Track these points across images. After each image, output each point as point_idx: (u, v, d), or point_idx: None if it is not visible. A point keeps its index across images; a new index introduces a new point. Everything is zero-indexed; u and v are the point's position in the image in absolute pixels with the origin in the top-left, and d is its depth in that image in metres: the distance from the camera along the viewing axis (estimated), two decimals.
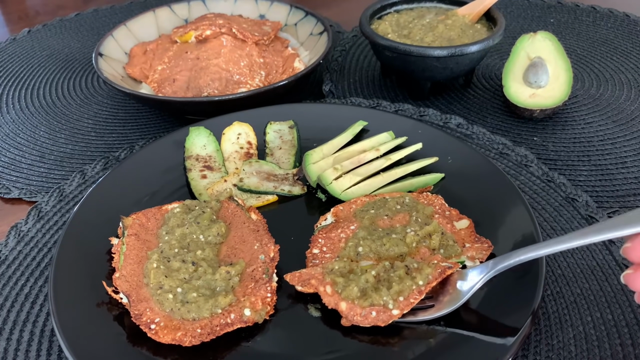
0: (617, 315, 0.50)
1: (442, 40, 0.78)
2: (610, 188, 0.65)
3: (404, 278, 0.46)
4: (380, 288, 0.46)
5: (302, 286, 0.48)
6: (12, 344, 0.50)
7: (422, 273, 0.46)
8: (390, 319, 0.45)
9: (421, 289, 0.46)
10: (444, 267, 0.47)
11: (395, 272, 0.47)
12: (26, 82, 0.92)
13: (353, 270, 0.48)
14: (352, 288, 0.46)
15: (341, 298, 0.46)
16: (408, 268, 0.47)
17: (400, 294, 0.45)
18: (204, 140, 0.68)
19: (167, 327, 0.46)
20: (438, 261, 0.48)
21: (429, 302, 0.47)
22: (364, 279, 0.46)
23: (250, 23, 0.90)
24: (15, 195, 0.68)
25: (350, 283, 0.46)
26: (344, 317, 0.46)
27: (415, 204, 0.55)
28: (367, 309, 0.45)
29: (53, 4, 1.23)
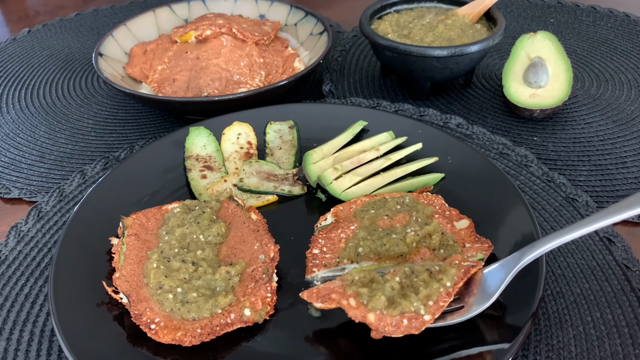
0: (617, 315, 0.50)
1: (442, 40, 0.78)
2: (610, 188, 0.65)
3: (429, 281, 0.44)
4: (408, 294, 0.43)
5: (322, 302, 0.44)
6: (12, 344, 0.50)
7: (448, 274, 0.45)
8: (423, 326, 0.42)
9: (449, 290, 0.44)
10: (468, 267, 0.46)
11: (418, 276, 0.45)
12: (26, 82, 0.92)
13: (374, 279, 0.45)
14: (379, 297, 0.43)
15: (368, 310, 0.43)
16: (430, 272, 0.45)
17: (429, 298, 0.43)
18: (204, 140, 0.68)
19: (167, 327, 0.46)
20: (460, 261, 0.46)
21: (456, 305, 0.46)
22: (389, 286, 0.44)
23: (250, 23, 0.90)
24: (15, 195, 0.68)
25: (375, 292, 0.43)
26: (374, 330, 0.43)
27: (415, 204, 0.55)
28: (398, 318, 0.42)
29: (53, 4, 1.23)
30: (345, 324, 0.48)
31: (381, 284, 0.44)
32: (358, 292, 0.44)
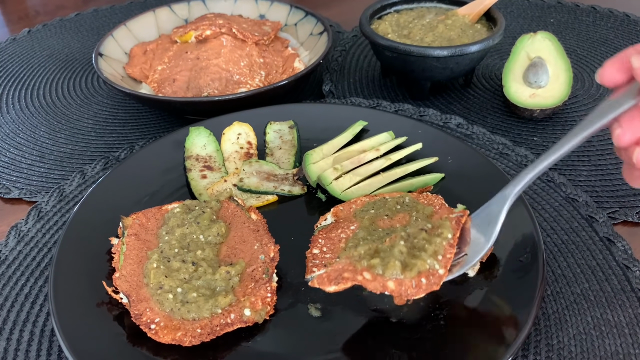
0: (618, 315, 0.50)
1: (442, 40, 0.78)
2: (610, 188, 0.65)
3: (430, 238, 0.45)
4: (417, 254, 0.44)
5: (335, 284, 0.44)
6: (12, 344, 0.50)
7: (445, 227, 0.45)
8: (440, 280, 0.43)
9: (451, 242, 0.45)
10: (457, 217, 0.47)
11: (417, 237, 0.45)
12: (26, 82, 0.92)
13: (379, 249, 0.45)
14: (394, 263, 0.43)
15: (386, 278, 0.43)
16: (425, 230, 0.46)
17: (437, 253, 0.44)
18: (204, 140, 0.68)
19: (167, 327, 0.46)
20: (447, 214, 0.47)
21: (458, 256, 0.46)
22: (398, 251, 0.44)
23: (250, 23, 0.90)
24: (15, 195, 0.68)
25: (388, 260, 0.43)
26: (396, 296, 0.43)
27: (415, 204, 0.55)
28: (416, 278, 0.42)
29: (53, 4, 1.23)
30: (345, 324, 0.48)
31: (388, 251, 0.44)
32: (371, 265, 0.44)
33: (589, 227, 0.59)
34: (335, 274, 0.45)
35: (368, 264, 0.44)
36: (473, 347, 0.45)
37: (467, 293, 0.49)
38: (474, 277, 0.51)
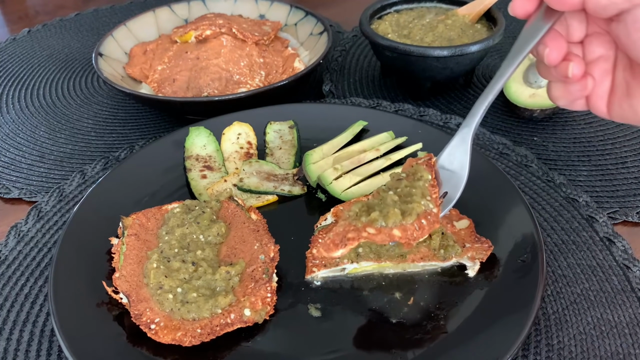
0: (618, 315, 0.50)
1: (442, 40, 0.78)
2: (610, 188, 0.65)
3: (413, 184, 0.46)
4: (409, 200, 0.45)
5: (342, 247, 0.43)
6: (12, 344, 0.50)
7: (421, 171, 0.47)
8: (437, 217, 0.45)
9: (431, 182, 0.47)
10: (425, 160, 0.48)
11: (398, 187, 0.46)
12: (26, 82, 0.92)
13: (370, 204, 0.46)
14: (394, 211, 0.44)
15: (390, 228, 0.44)
16: (401, 179, 0.48)
17: (425, 195, 0.45)
18: (204, 140, 0.68)
19: (167, 327, 0.46)
20: (415, 162, 0.49)
21: (440, 195, 0.48)
22: (391, 200, 0.45)
23: (250, 23, 0.90)
24: (15, 195, 0.68)
25: (387, 210, 0.44)
26: (404, 242, 0.44)
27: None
28: (417, 221, 0.44)
29: (53, 4, 1.23)
30: (345, 324, 0.48)
31: (381, 204, 0.45)
32: (372, 219, 0.44)
33: (589, 227, 0.59)
34: (339, 237, 0.44)
35: (368, 219, 0.44)
36: (473, 347, 0.45)
37: (467, 293, 0.49)
38: (474, 277, 0.51)
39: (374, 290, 0.51)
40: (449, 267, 0.52)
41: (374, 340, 0.46)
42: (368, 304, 0.49)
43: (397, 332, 0.47)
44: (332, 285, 0.51)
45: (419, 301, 0.49)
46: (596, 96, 0.41)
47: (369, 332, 0.47)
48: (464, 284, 0.50)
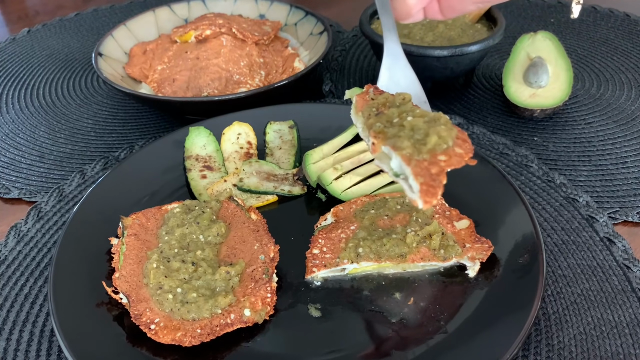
0: (618, 315, 0.50)
1: (442, 40, 0.78)
2: (610, 188, 0.65)
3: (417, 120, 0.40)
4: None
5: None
6: (12, 344, 0.50)
7: (416, 113, 0.42)
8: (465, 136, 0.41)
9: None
10: (367, 91, 0.46)
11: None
12: (26, 82, 0.92)
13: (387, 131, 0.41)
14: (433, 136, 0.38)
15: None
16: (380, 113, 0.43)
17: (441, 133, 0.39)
18: (203, 140, 0.68)
19: (167, 328, 0.46)
20: (362, 96, 0.46)
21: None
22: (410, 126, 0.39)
23: (250, 23, 0.90)
24: (15, 195, 0.68)
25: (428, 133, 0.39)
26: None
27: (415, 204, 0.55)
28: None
29: (53, 4, 1.23)
30: (345, 324, 0.48)
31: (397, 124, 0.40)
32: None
33: (589, 227, 0.59)
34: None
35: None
36: (473, 347, 0.45)
37: (467, 293, 0.49)
38: (474, 278, 0.51)
39: (374, 290, 0.51)
40: (449, 268, 0.52)
41: (374, 340, 0.46)
42: (368, 304, 0.49)
43: (397, 333, 0.47)
44: (332, 285, 0.51)
45: (419, 301, 0.49)
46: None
47: (369, 332, 0.47)
48: (464, 284, 0.50)
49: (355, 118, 0.46)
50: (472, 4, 0.48)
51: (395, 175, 0.40)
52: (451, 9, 0.48)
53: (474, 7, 0.48)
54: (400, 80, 0.46)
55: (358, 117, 0.45)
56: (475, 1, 0.47)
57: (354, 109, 0.46)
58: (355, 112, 0.46)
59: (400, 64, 0.46)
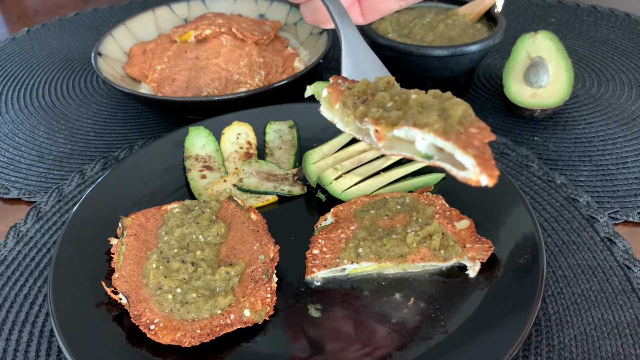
0: (619, 315, 0.50)
1: (443, 40, 0.78)
2: (611, 188, 0.65)
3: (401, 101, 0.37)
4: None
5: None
6: (11, 344, 0.50)
7: (414, 91, 0.38)
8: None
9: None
10: (335, 83, 0.42)
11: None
12: (25, 82, 0.92)
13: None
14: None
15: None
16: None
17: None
18: (203, 140, 0.67)
19: (167, 328, 0.45)
20: (334, 88, 0.42)
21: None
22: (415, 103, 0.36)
23: (250, 22, 0.90)
24: (14, 196, 0.68)
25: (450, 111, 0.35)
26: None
27: (415, 204, 0.55)
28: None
29: (52, 4, 1.23)
30: (345, 324, 0.48)
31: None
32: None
33: (589, 227, 0.59)
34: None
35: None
36: (473, 348, 0.44)
37: (467, 294, 0.49)
38: (475, 278, 0.51)
39: (374, 290, 0.50)
40: (449, 268, 0.52)
41: (374, 341, 0.46)
42: (368, 304, 0.49)
43: (397, 333, 0.47)
44: (332, 285, 0.51)
45: (419, 302, 0.49)
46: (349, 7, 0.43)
47: (369, 332, 0.47)
48: (465, 284, 0.50)
49: (331, 112, 0.42)
50: (394, 3, 0.46)
51: (427, 158, 0.35)
52: (373, 10, 0.47)
53: (396, 6, 0.46)
54: (365, 67, 0.43)
55: (335, 110, 0.41)
56: (399, 0, 0.45)
57: (328, 103, 0.42)
58: (330, 106, 0.41)
59: (361, 50, 0.43)
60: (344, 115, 0.40)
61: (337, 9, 0.44)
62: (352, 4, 0.47)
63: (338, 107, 0.40)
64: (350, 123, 0.40)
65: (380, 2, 0.46)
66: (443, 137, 0.33)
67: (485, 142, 0.33)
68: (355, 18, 0.48)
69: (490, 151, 0.33)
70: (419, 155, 0.36)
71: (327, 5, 0.44)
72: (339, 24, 0.43)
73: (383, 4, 0.46)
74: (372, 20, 0.48)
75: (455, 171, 0.34)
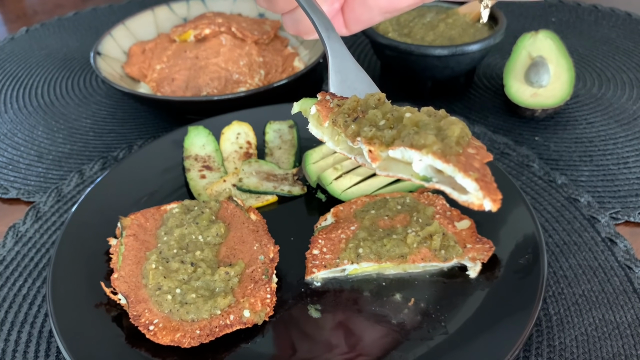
0: (620, 316, 0.50)
1: (443, 40, 0.77)
2: (612, 188, 0.65)
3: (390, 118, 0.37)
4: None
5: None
6: (10, 345, 0.50)
7: (407, 109, 0.38)
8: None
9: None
10: (323, 100, 0.40)
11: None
12: (24, 82, 0.91)
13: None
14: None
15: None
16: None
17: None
18: (203, 140, 0.67)
19: (166, 329, 0.45)
20: (322, 104, 0.40)
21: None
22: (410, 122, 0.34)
23: (249, 22, 0.90)
24: (13, 196, 0.68)
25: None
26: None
27: (416, 205, 0.55)
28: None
29: (51, 3, 1.23)
30: (345, 324, 0.48)
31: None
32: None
33: (590, 227, 0.59)
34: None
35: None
36: (474, 348, 0.44)
37: (468, 294, 0.49)
38: (475, 278, 0.50)
39: (374, 291, 0.50)
40: (450, 268, 0.52)
41: (374, 341, 0.46)
42: (368, 305, 0.49)
43: (397, 334, 0.46)
44: (332, 286, 0.51)
45: (420, 302, 0.49)
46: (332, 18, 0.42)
47: (369, 333, 0.47)
48: (465, 285, 0.50)
49: (320, 131, 0.40)
50: (379, 15, 0.45)
51: (425, 180, 0.34)
52: (357, 22, 0.46)
53: (381, 17, 0.46)
54: (353, 83, 0.41)
55: (324, 128, 0.39)
56: (384, 11, 0.44)
57: (316, 120, 0.40)
58: (320, 124, 0.39)
59: (348, 65, 0.41)
60: (334, 133, 0.39)
61: (323, 22, 0.42)
62: (336, 15, 0.46)
63: (327, 125, 0.39)
64: (341, 142, 0.39)
65: (364, 14, 0.45)
66: (442, 159, 0.32)
67: (485, 162, 0.32)
68: (339, 29, 0.47)
69: (490, 173, 0.32)
70: (416, 177, 0.34)
71: (312, 19, 0.42)
72: (325, 38, 0.42)
73: (367, 15, 0.45)
74: (356, 31, 0.47)
75: (457, 195, 0.33)
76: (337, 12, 0.46)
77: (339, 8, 0.46)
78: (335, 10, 0.46)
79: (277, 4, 0.46)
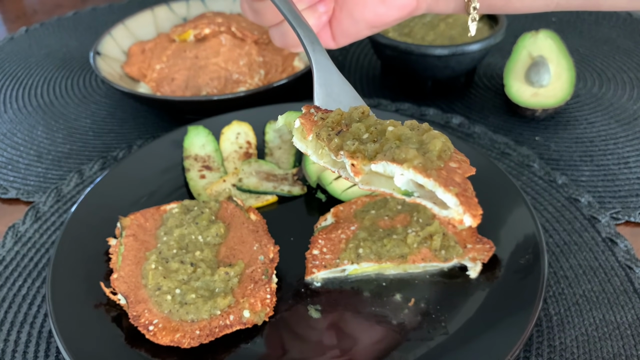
0: (620, 316, 0.50)
1: (443, 39, 0.77)
2: (612, 188, 0.65)
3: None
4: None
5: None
6: (10, 345, 0.50)
7: (390, 123, 0.37)
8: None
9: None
10: (307, 112, 0.40)
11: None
12: (24, 82, 0.91)
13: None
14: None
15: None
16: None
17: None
18: (202, 140, 0.67)
19: (166, 329, 0.45)
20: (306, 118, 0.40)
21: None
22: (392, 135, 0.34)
23: (249, 22, 0.89)
24: (13, 196, 0.68)
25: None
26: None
27: (416, 205, 0.55)
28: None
29: (51, 3, 1.23)
30: (345, 325, 0.48)
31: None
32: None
33: (591, 227, 0.59)
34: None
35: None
36: (474, 349, 0.44)
37: (468, 294, 0.49)
38: (476, 279, 0.50)
39: (374, 291, 0.50)
40: (450, 268, 0.51)
41: (374, 342, 0.46)
42: (368, 305, 0.49)
43: (397, 334, 0.46)
44: (332, 286, 0.51)
45: (420, 302, 0.49)
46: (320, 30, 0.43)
47: (369, 334, 0.47)
48: (466, 285, 0.50)
49: (304, 144, 0.40)
50: (367, 29, 0.46)
51: (407, 195, 0.34)
52: (344, 35, 0.46)
53: (368, 32, 0.46)
54: (338, 96, 0.41)
55: (308, 142, 0.39)
56: (371, 26, 0.45)
57: (300, 134, 0.39)
58: (303, 137, 0.39)
59: (334, 78, 0.41)
60: (318, 147, 0.39)
61: (308, 35, 0.42)
62: (323, 28, 0.46)
63: (311, 138, 0.39)
64: (325, 155, 0.39)
65: (352, 27, 0.45)
66: (423, 173, 0.32)
67: (466, 176, 0.32)
68: (326, 42, 0.47)
69: (472, 187, 0.32)
70: (398, 191, 0.34)
71: (298, 33, 0.42)
72: (310, 51, 0.41)
73: (354, 28, 0.45)
74: (343, 45, 0.48)
75: (437, 210, 0.32)
76: (325, 25, 0.47)
77: (327, 21, 0.46)
78: (323, 23, 0.46)
79: (264, 17, 0.46)
